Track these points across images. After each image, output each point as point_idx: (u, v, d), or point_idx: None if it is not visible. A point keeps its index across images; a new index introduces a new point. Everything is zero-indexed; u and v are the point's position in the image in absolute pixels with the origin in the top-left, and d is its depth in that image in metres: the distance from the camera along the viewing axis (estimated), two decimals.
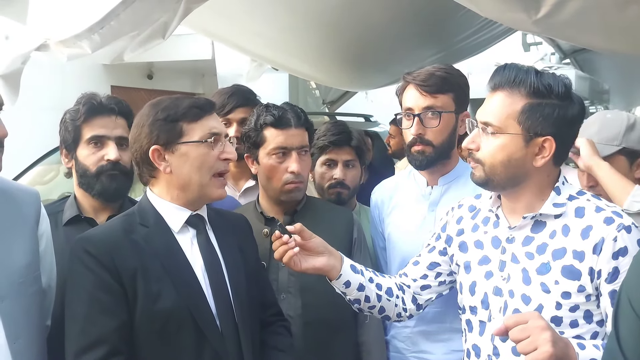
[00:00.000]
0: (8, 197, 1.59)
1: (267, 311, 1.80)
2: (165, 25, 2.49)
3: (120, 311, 1.50)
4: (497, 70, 1.54)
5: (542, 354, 1.24)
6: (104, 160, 1.94)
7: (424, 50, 4.31)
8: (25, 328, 1.52)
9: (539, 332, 1.25)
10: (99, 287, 1.50)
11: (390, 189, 2.20)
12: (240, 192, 2.51)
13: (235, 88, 2.54)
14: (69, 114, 1.98)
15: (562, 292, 1.44)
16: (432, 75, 1.94)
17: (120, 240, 1.56)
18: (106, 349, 1.46)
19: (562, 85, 1.48)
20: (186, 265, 1.58)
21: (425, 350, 2.02)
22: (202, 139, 1.59)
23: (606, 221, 1.43)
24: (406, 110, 2.00)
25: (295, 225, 1.62)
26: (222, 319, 1.58)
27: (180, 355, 1.53)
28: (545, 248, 1.49)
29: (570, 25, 1.92)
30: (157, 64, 7.35)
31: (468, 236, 1.67)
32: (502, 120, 1.48)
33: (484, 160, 1.51)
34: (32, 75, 3.17)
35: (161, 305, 1.51)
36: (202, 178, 1.60)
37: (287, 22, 3.64)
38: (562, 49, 6.65)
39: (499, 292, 1.54)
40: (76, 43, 2.40)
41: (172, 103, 1.61)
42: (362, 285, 1.69)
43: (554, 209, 1.50)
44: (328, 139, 2.34)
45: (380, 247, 2.22)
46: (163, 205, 1.63)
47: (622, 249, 1.40)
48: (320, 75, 5.03)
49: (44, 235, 1.67)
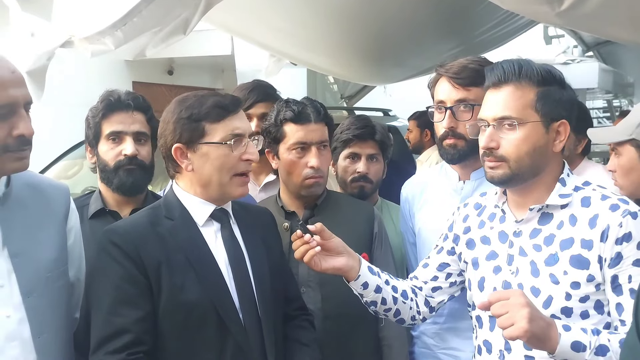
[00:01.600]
0: (38, 192, 1.62)
1: (290, 305, 1.81)
2: (187, 21, 2.52)
3: (144, 303, 1.52)
4: (493, 67, 1.54)
5: (517, 329, 1.29)
6: (122, 155, 1.97)
7: (444, 44, 4.28)
8: (50, 323, 1.55)
9: (518, 309, 1.30)
10: (124, 278, 1.52)
11: (421, 184, 2.17)
12: (261, 186, 2.53)
13: (255, 83, 2.55)
14: (91, 111, 2.03)
15: (571, 282, 1.44)
16: (465, 68, 1.91)
17: (146, 232, 1.58)
18: (129, 338, 1.49)
19: (558, 72, 1.53)
20: (210, 259, 1.60)
21: (455, 347, 2.01)
22: (223, 141, 1.60)
23: (612, 208, 1.44)
24: (438, 103, 1.97)
25: (316, 225, 1.62)
26: (245, 313, 1.60)
27: (203, 348, 1.55)
28: (553, 239, 1.49)
29: (594, 17, 1.90)
30: (177, 60, 7.39)
31: (475, 233, 1.67)
32: (520, 111, 1.49)
33: (509, 156, 1.50)
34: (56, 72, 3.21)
35: (185, 298, 1.53)
36: (222, 178, 1.61)
37: (307, 16, 3.64)
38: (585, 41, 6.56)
39: (508, 286, 1.54)
40: (100, 39, 2.44)
41: (197, 101, 1.61)
42: (379, 287, 1.69)
43: (560, 199, 1.50)
44: (352, 132, 2.34)
45: (411, 243, 2.19)
46: (188, 199, 1.65)
47: (626, 235, 1.40)
48: (340, 69, 5.02)
49: (72, 230, 1.70)
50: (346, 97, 7.50)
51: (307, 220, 2.01)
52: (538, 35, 8.89)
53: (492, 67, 1.55)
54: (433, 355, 2.07)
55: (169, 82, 7.56)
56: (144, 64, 6.74)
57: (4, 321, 1.45)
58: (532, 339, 1.31)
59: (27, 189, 1.59)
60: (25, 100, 1.46)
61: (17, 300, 1.47)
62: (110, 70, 6.42)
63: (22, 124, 1.44)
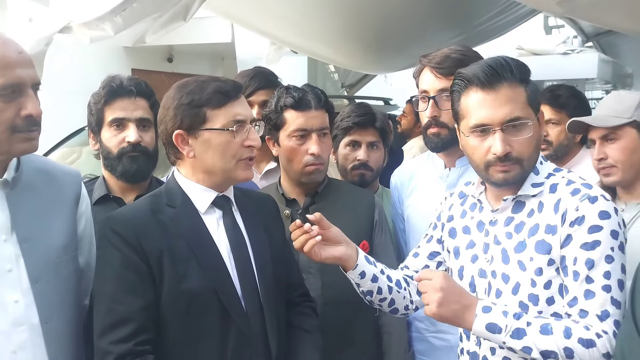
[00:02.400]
0: (50, 177, 1.62)
1: (293, 292, 1.81)
2: (187, 7, 2.51)
3: (146, 290, 1.52)
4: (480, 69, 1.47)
5: (427, 310, 1.45)
6: (125, 142, 1.97)
7: (445, 33, 4.26)
8: (59, 309, 1.54)
9: (432, 292, 1.43)
10: (126, 266, 1.52)
11: (410, 171, 2.21)
12: (262, 174, 2.53)
13: (256, 70, 2.54)
14: (93, 98, 2.01)
15: (535, 268, 1.46)
16: (448, 58, 1.95)
17: (147, 220, 1.57)
18: (132, 327, 1.49)
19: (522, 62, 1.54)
20: (212, 246, 1.59)
21: (444, 330, 2.04)
22: (225, 127, 1.58)
23: (573, 192, 1.45)
24: (422, 93, 2.02)
25: (315, 215, 1.62)
26: (247, 300, 1.60)
27: (206, 336, 1.55)
28: (523, 226, 1.51)
29: (595, 6, 1.90)
30: (177, 47, 7.36)
31: (457, 222, 1.69)
32: (525, 110, 1.48)
33: (524, 156, 1.48)
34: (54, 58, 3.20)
35: (187, 286, 1.53)
36: (225, 164, 1.60)
37: (308, 4, 3.63)
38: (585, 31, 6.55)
39: (484, 274, 1.56)
40: (99, 25, 2.43)
41: (198, 87, 1.60)
42: (375, 277, 1.69)
43: (532, 189, 1.51)
44: (352, 120, 2.33)
45: (400, 229, 2.23)
46: (190, 186, 1.64)
47: (579, 218, 1.41)
48: (341, 58, 5.01)
49: (83, 216, 1.69)
50: (347, 85, 7.48)
51: (308, 208, 2.01)
52: (538, 25, 8.87)
53: (479, 68, 1.48)
54: (423, 339, 2.10)
55: (169, 70, 7.54)
56: (144, 51, 6.71)
57: (12, 306, 1.45)
58: (442, 319, 1.45)
59: (38, 174, 1.58)
60: (33, 81, 1.46)
61: (25, 286, 1.47)
62: (109, 57, 6.39)
63: (31, 104, 1.43)
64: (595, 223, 1.40)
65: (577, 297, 1.40)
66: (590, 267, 1.39)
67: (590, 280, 1.39)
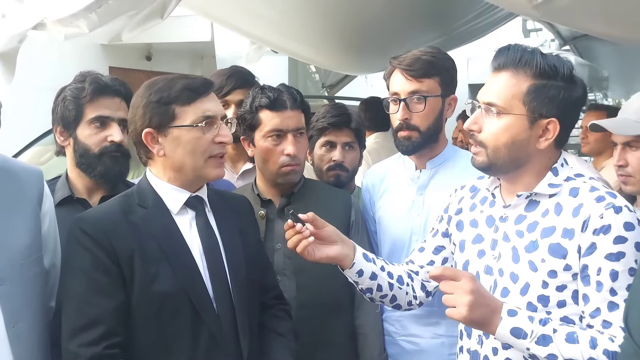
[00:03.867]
0: (11, 175, 1.57)
1: (267, 294, 1.80)
2: (164, 5, 2.48)
3: (117, 292, 1.50)
4: (500, 50, 1.51)
5: (457, 313, 1.36)
6: (107, 142, 1.91)
7: (424, 35, 4.28)
8: (25, 311, 1.51)
9: (462, 294, 1.35)
10: (96, 267, 1.50)
11: (381, 173, 2.21)
12: (239, 174, 2.51)
13: (233, 69, 2.52)
14: (71, 91, 1.92)
15: (548, 270, 1.43)
16: (418, 60, 1.95)
17: (117, 221, 1.55)
18: (102, 329, 1.46)
19: (567, 67, 1.47)
20: (184, 248, 1.58)
21: (414, 334, 2.04)
22: (194, 123, 1.56)
23: (597, 199, 1.42)
24: (392, 95, 2.01)
25: (307, 214, 1.58)
26: (219, 302, 1.58)
27: (177, 338, 1.54)
28: (536, 226, 1.48)
29: (570, 10, 1.91)
30: (156, 46, 7.28)
31: (465, 215, 1.66)
32: (507, 100, 1.46)
33: (487, 142, 1.49)
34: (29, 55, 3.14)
35: (158, 288, 1.51)
36: (196, 161, 1.59)
37: (288, 4, 3.61)
38: (562, 35, 6.62)
39: (490, 270, 1.54)
40: (73, 22, 2.39)
41: (166, 85, 1.58)
42: (374, 274, 1.66)
43: (549, 189, 1.49)
44: (327, 120, 2.33)
45: (372, 231, 2.22)
46: (162, 187, 1.62)
47: (605, 227, 1.38)
48: (321, 58, 5.00)
49: (47, 215, 1.65)
50: (327, 86, 7.47)
51: (284, 209, 2.00)
52: (517, 29, 8.96)
53: (501, 48, 1.51)
54: (395, 343, 2.09)
55: (147, 68, 7.45)
56: (121, 49, 6.63)
57: None
58: (471, 324, 1.39)
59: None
60: None
61: None
62: (86, 54, 6.30)
63: None
64: (620, 234, 1.37)
65: (600, 309, 1.38)
66: (614, 279, 1.36)
67: (614, 292, 1.36)
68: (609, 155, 3.85)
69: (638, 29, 1.97)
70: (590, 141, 3.88)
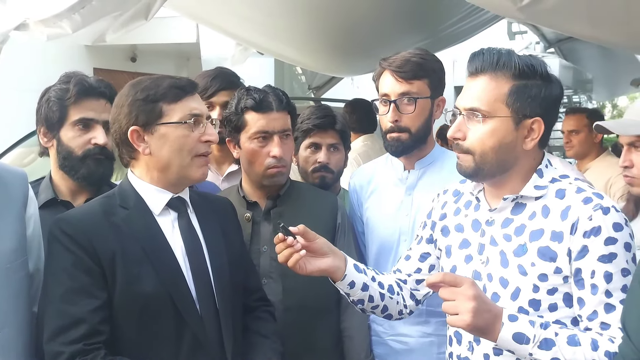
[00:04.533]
0: None
1: (251, 296, 1.79)
2: (148, 6, 2.46)
3: (99, 292, 1.49)
4: (475, 54, 1.49)
5: (460, 321, 1.31)
6: (91, 144, 1.88)
7: (410, 37, 4.29)
8: (11, 316, 1.49)
9: (465, 300, 1.31)
10: (78, 267, 1.48)
11: (369, 174, 2.22)
12: (224, 176, 2.49)
13: (218, 71, 2.51)
14: (56, 92, 1.89)
15: (538, 274, 1.42)
16: (408, 62, 1.95)
17: (98, 222, 1.54)
18: (85, 329, 1.45)
19: (542, 66, 1.47)
20: (167, 249, 1.57)
21: (403, 333, 2.04)
22: (182, 120, 1.57)
23: (585, 201, 1.41)
24: (382, 96, 2.01)
25: (298, 227, 1.54)
26: (202, 303, 1.57)
27: (160, 340, 1.52)
28: (524, 229, 1.47)
29: (554, 12, 1.93)
30: (141, 47, 7.24)
31: (450, 220, 1.65)
32: (490, 104, 1.44)
33: (474, 149, 1.47)
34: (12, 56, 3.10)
35: (141, 289, 1.50)
36: (182, 160, 1.58)
37: (274, 6, 3.60)
38: (547, 38, 6.69)
39: (478, 276, 1.52)
40: (56, 23, 2.36)
41: (153, 83, 1.58)
42: (365, 285, 1.63)
43: (535, 191, 1.48)
44: (312, 122, 2.32)
45: (359, 232, 2.22)
46: (144, 187, 1.61)
47: (595, 228, 1.37)
48: (307, 60, 5.00)
49: (32, 218, 1.63)
50: (314, 87, 7.47)
51: (270, 211, 1.99)
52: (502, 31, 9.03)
53: (474, 53, 1.50)
54: (383, 343, 2.09)
55: (132, 70, 7.40)
56: (106, 50, 6.58)
57: None
58: (474, 331, 1.34)
59: None
60: None
61: None
62: (70, 55, 6.24)
63: None
64: (611, 235, 1.37)
65: (598, 311, 1.37)
66: (608, 281, 1.36)
67: (609, 294, 1.36)
68: (593, 157, 3.89)
69: (623, 32, 1.99)
70: (575, 144, 3.91)
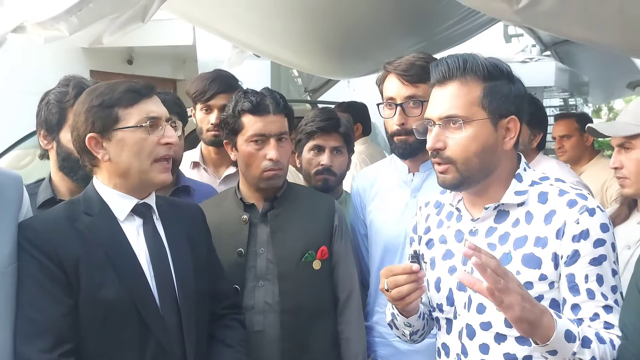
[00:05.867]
0: None
1: (219, 304, 1.77)
2: (145, 8, 2.46)
3: (65, 298, 1.48)
4: (437, 64, 1.47)
5: (510, 310, 1.21)
6: None
7: (406, 40, 4.30)
8: (6, 320, 1.47)
9: (512, 293, 1.21)
10: (43, 274, 1.48)
11: (372, 177, 2.22)
12: (221, 179, 2.50)
13: (216, 73, 2.51)
14: (55, 95, 1.92)
15: (524, 282, 1.38)
16: (413, 65, 1.96)
17: (62, 228, 1.53)
18: (53, 336, 1.45)
19: (505, 65, 1.47)
20: (131, 255, 1.56)
21: None
22: (138, 124, 1.55)
23: (569, 204, 1.39)
24: (388, 100, 2.02)
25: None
26: (166, 311, 1.56)
27: (124, 348, 1.52)
28: (507, 237, 1.44)
29: (551, 15, 1.93)
30: (137, 49, 7.24)
31: (434, 233, 1.63)
32: (467, 109, 1.42)
33: (456, 157, 1.44)
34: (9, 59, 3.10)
35: (104, 296, 1.49)
36: (141, 164, 1.57)
37: (270, 8, 3.61)
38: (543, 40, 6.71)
39: (463, 287, 1.48)
40: (54, 25, 2.36)
41: (108, 88, 1.58)
42: (422, 314, 1.61)
43: (516, 197, 1.46)
44: (316, 124, 2.33)
45: (362, 234, 2.23)
46: (108, 193, 1.60)
47: (583, 232, 1.36)
48: (303, 62, 5.00)
49: None
50: (310, 90, 7.47)
51: (267, 213, 1.99)
52: (498, 34, 9.06)
53: (436, 63, 1.48)
54: (388, 344, 2.09)
55: (129, 72, 7.39)
56: (103, 52, 6.58)
57: None
58: (524, 325, 1.24)
59: None
60: None
61: None
62: (67, 58, 6.24)
63: None
64: (599, 237, 1.36)
65: (599, 313, 1.36)
66: (601, 283, 1.36)
67: (605, 296, 1.36)
68: (587, 160, 3.92)
69: (618, 35, 2.00)
70: (567, 149, 3.94)
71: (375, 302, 2.13)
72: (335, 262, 2.03)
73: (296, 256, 1.95)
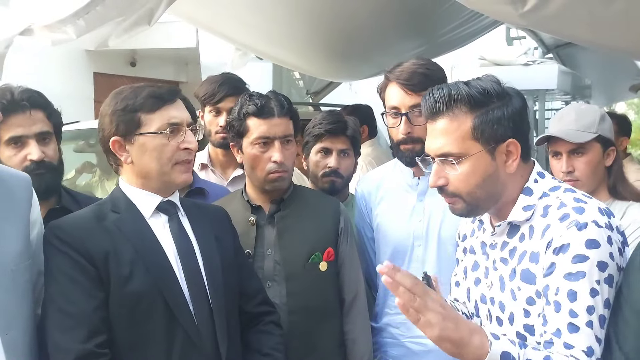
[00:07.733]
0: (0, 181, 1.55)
1: (251, 301, 1.80)
2: (151, 11, 2.47)
3: (97, 291, 1.52)
4: (425, 98, 1.45)
5: (428, 328, 1.23)
6: (28, 161, 1.84)
7: (409, 42, 4.31)
8: (18, 319, 1.50)
9: (428, 312, 1.23)
10: (75, 268, 1.52)
11: (377, 180, 2.23)
12: (228, 180, 2.51)
13: (225, 77, 2.53)
14: None
15: (526, 297, 1.37)
16: (415, 73, 1.97)
17: (90, 225, 1.58)
18: (87, 328, 1.48)
19: (494, 84, 1.42)
20: (158, 249, 1.59)
21: (421, 335, 2.01)
22: (159, 130, 1.59)
23: (561, 218, 1.35)
24: (392, 109, 2.02)
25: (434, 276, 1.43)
26: (196, 304, 1.59)
27: (152, 338, 1.54)
28: (515, 252, 1.43)
29: (556, 18, 1.94)
30: (141, 51, 7.26)
31: (468, 242, 1.65)
32: (459, 144, 1.39)
33: (460, 191, 1.43)
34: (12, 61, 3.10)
35: (132, 287, 1.53)
36: (162, 167, 1.61)
37: (273, 11, 3.62)
38: (545, 43, 6.71)
39: (484, 299, 1.51)
40: (61, 28, 2.37)
41: (132, 93, 1.61)
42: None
43: (523, 213, 1.43)
44: (324, 127, 2.35)
45: (368, 237, 2.24)
46: (133, 192, 1.65)
47: (564, 246, 1.31)
48: (305, 65, 5.01)
49: (37, 222, 1.64)
50: (312, 93, 7.48)
51: (274, 215, 2.00)
52: (500, 37, 9.05)
53: (425, 97, 1.45)
54: (400, 345, 2.10)
55: (132, 74, 7.42)
56: (106, 54, 6.60)
57: None
58: (445, 342, 1.24)
59: None
60: None
61: None
62: (71, 60, 6.26)
63: None
64: (580, 252, 1.29)
65: (561, 330, 1.30)
66: (573, 300, 1.29)
67: (574, 314, 1.29)
68: None
69: (623, 37, 2.00)
70: None
71: (385, 304, 2.15)
72: (341, 264, 2.04)
73: (303, 258, 1.96)
